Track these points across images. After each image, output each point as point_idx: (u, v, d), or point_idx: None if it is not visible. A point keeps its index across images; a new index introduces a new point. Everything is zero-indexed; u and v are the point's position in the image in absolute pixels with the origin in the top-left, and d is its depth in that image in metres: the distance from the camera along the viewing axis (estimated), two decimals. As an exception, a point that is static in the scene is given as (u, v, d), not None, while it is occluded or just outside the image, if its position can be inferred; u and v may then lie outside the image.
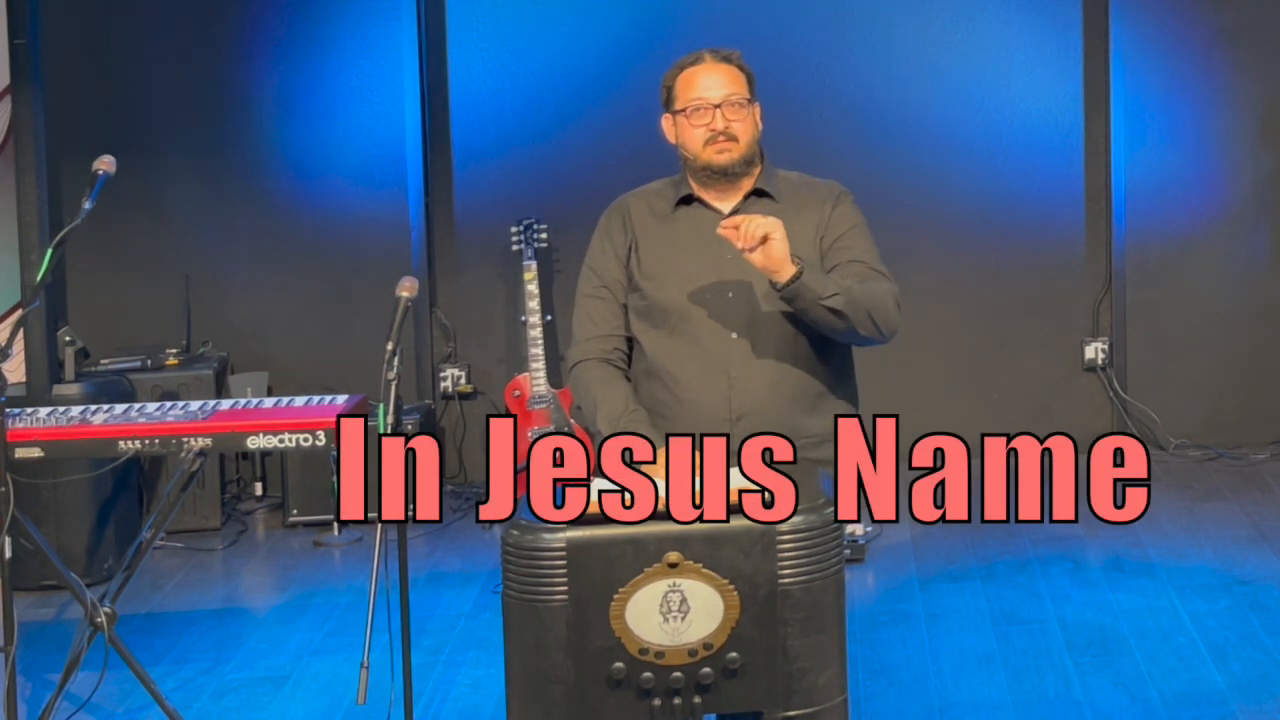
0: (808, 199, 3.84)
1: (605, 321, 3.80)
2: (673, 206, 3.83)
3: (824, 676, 3.24)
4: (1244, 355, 7.12)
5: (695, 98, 3.78)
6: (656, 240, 3.81)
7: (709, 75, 3.81)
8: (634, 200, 3.89)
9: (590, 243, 3.89)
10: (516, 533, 3.22)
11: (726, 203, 3.81)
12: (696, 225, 3.80)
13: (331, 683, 4.86)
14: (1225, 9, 6.99)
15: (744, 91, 3.83)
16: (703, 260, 3.76)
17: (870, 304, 3.67)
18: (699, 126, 3.77)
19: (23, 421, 4.48)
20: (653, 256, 3.79)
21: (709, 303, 3.72)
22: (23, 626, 4.42)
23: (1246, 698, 4.47)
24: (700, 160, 3.78)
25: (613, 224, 3.86)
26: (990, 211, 7.10)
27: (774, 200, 3.82)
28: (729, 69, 3.83)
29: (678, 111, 3.81)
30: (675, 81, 3.83)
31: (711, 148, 3.76)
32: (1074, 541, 5.85)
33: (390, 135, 6.92)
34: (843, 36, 7.02)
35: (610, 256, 3.82)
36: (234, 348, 6.86)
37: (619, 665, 3.19)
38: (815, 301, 3.59)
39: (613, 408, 3.69)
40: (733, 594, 3.19)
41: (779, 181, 3.86)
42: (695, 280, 3.74)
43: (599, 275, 3.83)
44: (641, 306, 3.77)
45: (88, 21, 6.81)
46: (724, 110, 3.77)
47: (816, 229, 3.80)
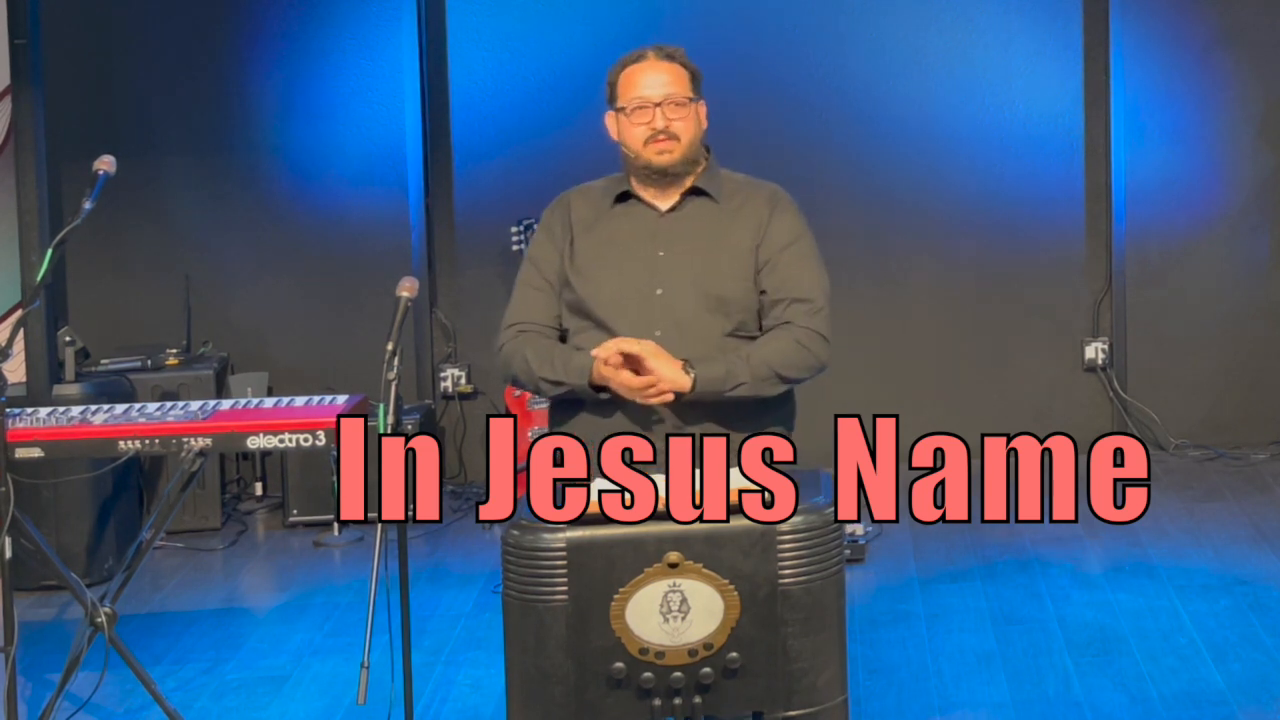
0: (747, 201, 3.84)
1: (539, 311, 3.84)
2: (611, 203, 3.84)
3: (824, 676, 3.24)
4: (1244, 355, 7.12)
5: (636, 96, 3.77)
6: (591, 236, 3.82)
7: (651, 73, 3.79)
8: (576, 196, 3.91)
9: (534, 234, 3.94)
10: (517, 533, 3.22)
11: (665, 200, 3.82)
12: (633, 222, 3.81)
13: (331, 683, 4.85)
14: (1225, 9, 6.99)
15: (686, 90, 3.80)
16: (634, 257, 3.77)
17: (777, 365, 3.69)
18: (639, 125, 3.76)
19: (23, 421, 4.48)
20: (586, 252, 3.81)
21: (635, 300, 3.73)
22: (23, 626, 4.42)
23: (1246, 698, 4.47)
24: (640, 159, 3.77)
25: (555, 219, 3.89)
26: (990, 211, 7.10)
27: (713, 200, 3.82)
28: (672, 67, 3.80)
29: (619, 109, 3.80)
30: (618, 79, 3.82)
31: (652, 147, 3.75)
32: (1074, 541, 5.85)
33: (390, 135, 6.92)
34: (842, 37, 7.01)
35: (552, 250, 3.85)
36: (234, 348, 6.86)
37: (619, 665, 3.19)
38: (721, 395, 3.64)
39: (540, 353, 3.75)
40: (733, 594, 3.19)
41: (721, 181, 3.86)
42: (625, 277, 3.76)
43: (539, 268, 3.86)
44: (571, 300, 3.80)
45: (88, 21, 6.81)
46: (665, 109, 3.75)
47: (754, 234, 3.80)
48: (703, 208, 3.81)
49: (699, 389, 3.61)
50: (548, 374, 3.72)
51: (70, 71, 6.72)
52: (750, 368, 3.66)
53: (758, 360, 3.67)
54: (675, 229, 3.81)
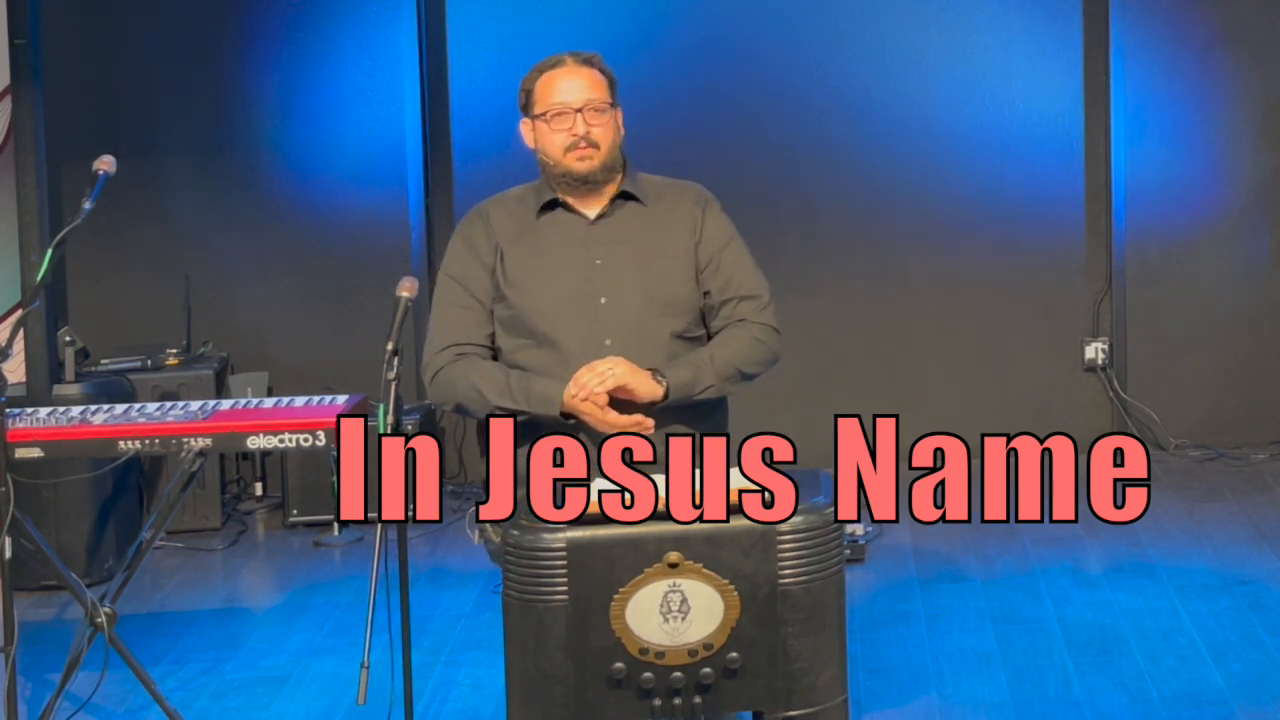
0: (676, 201, 3.82)
1: (468, 332, 3.74)
2: (536, 213, 3.78)
3: (824, 676, 3.24)
4: (1244, 355, 7.12)
5: (556, 102, 3.73)
6: (522, 248, 3.75)
7: (570, 79, 3.75)
8: (493, 207, 3.83)
9: (448, 252, 3.82)
10: (516, 533, 3.22)
11: (591, 207, 3.78)
12: (562, 231, 3.76)
13: (331, 683, 4.85)
14: (1225, 9, 6.99)
15: (605, 96, 3.77)
16: (571, 267, 3.72)
17: (739, 363, 3.70)
18: (559, 131, 3.72)
19: (23, 421, 4.48)
20: (519, 265, 3.73)
21: (579, 310, 3.69)
22: (23, 626, 4.42)
23: (1246, 698, 4.47)
24: (560, 167, 3.73)
25: (474, 231, 3.80)
26: (990, 211, 7.10)
27: (641, 203, 3.80)
28: (590, 73, 3.77)
29: (537, 116, 3.76)
30: (535, 85, 3.79)
31: (572, 155, 3.71)
32: (1074, 541, 5.84)
33: (390, 135, 6.92)
34: (842, 37, 7.01)
35: (477, 266, 3.76)
36: (234, 348, 6.86)
37: (619, 665, 3.19)
38: (692, 398, 3.64)
39: (491, 380, 3.66)
40: (733, 594, 3.19)
41: (643, 184, 3.83)
42: (564, 287, 3.70)
43: (464, 285, 3.76)
44: (507, 316, 3.72)
45: (88, 21, 6.81)
46: (585, 115, 3.72)
47: (690, 234, 3.78)
48: (633, 212, 3.78)
49: (670, 396, 3.61)
50: (505, 403, 3.65)
51: (70, 71, 6.72)
52: (715, 369, 3.66)
53: (721, 361, 3.68)
54: (608, 235, 3.76)
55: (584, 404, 3.57)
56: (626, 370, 3.58)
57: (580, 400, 3.56)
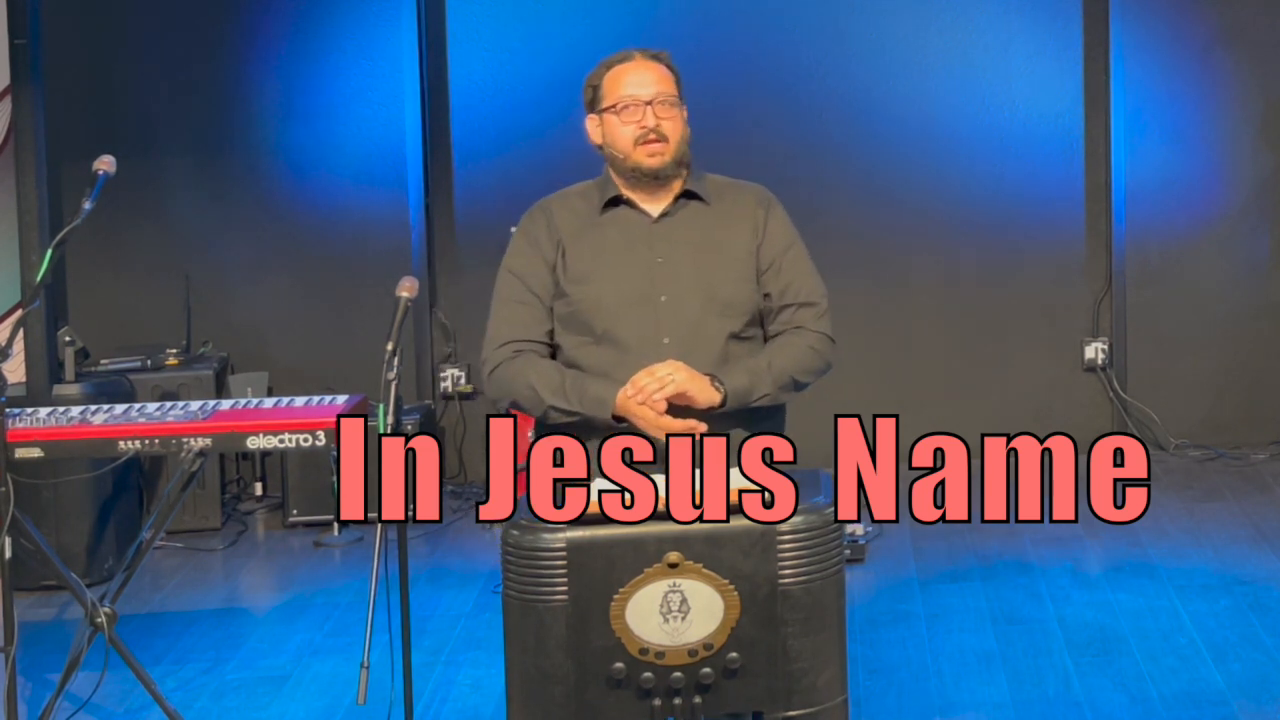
0: (739, 201, 3.80)
1: (527, 328, 3.72)
2: (600, 209, 3.77)
3: (824, 676, 3.24)
4: (1244, 355, 7.12)
5: (625, 95, 3.72)
6: (584, 244, 3.73)
7: (639, 73, 3.74)
8: (556, 203, 3.82)
9: (510, 246, 3.81)
10: (516, 533, 3.22)
11: (656, 204, 3.76)
12: (625, 229, 3.74)
13: (331, 683, 4.85)
14: (1225, 9, 6.99)
15: (674, 90, 3.76)
16: (633, 265, 3.70)
17: (794, 371, 3.69)
18: (629, 124, 3.71)
19: (23, 421, 4.48)
20: (581, 261, 3.71)
21: (639, 308, 3.67)
22: (23, 626, 4.42)
23: (1246, 698, 4.47)
24: (630, 161, 3.71)
25: (537, 228, 3.78)
26: (990, 211, 7.10)
27: (704, 202, 3.78)
28: (658, 67, 3.76)
29: (605, 110, 3.75)
30: (603, 80, 3.78)
31: (642, 149, 3.70)
32: (1074, 541, 5.85)
33: (390, 135, 6.92)
34: (842, 37, 7.02)
35: (538, 262, 3.74)
36: (234, 348, 6.86)
37: (619, 665, 3.19)
38: (747, 405, 3.63)
39: (548, 379, 3.63)
40: (733, 594, 3.19)
41: (708, 184, 3.81)
42: (625, 285, 3.68)
43: (524, 280, 3.74)
44: (567, 314, 3.70)
45: (88, 21, 6.81)
46: (654, 108, 3.71)
47: (752, 235, 3.76)
48: (695, 211, 3.77)
49: (728, 403, 3.59)
50: (559, 403, 3.62)
51: (70, 71, 6.73)
52: (773, 377, 3.64)
53: (778, 369, 3.65)
54: (670, 234, 3.75)
55: (640, 408, 3.54)
56: (686, 377, 3.55)
57: (638, 404, 3.54)
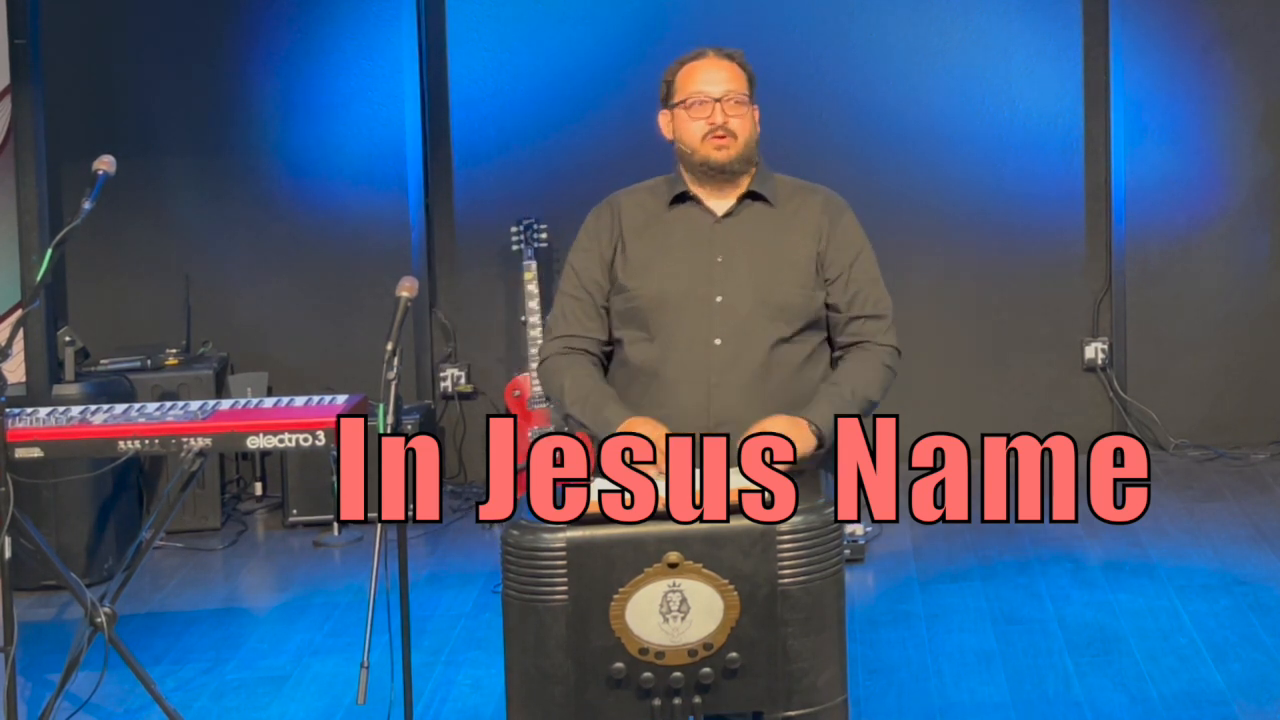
0: (803, 205, 3.80)
1: (578, 323, 3.75)
2: (667, 205, 3.78)
3: (824, 676, 3.24)
4: (1244, 355, 7.12)
5: (696, 91, 3.74)
6: (646, 240, 3.75)
7: (711, 70, 3.77)
8: (625, 198, 3.83)
9: (577, 238, 3.83)
10: (516, 533, 3.22)
11: (721, 203, 3.77)
12: (688, 226, 3.75)
13: (331, 683, 4.85)
14: (1225, 9, 6.99)
15: (745, 89, 3.80)
16: (692, 263, 3.70)
17: (875, 394, 3.70)
18: (698, 119, 3.73)
19: (23, 421, 4.48)
20: (640, 256, 3.73)
21: (695, 307, 3.67)
22: (23, 626, 4.42)
23: (1246, 698, 4.47)
24: (698, 155, 3.73)
25: (600, 223, 3.80)
26: (990, 211, 7.10)
27: (769, 204, 3.78)
28: (731, 66, 3.80)
29: (676, 104, 3.77)
30: (676, 76, 3.80)
31: (710, 143, 3.72)
32: (1074, 541, 5.85)
33: (390, 135, 6.92)
34: (842, 37, 7.02)
35: (594, 257, 3.76)
36: (234, 348, 6.86)
37: (619, 665, 3.19)
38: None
39: (579, 386, 3.65)
40: (733, 594, 3.19)
41: (775, 185, 3.82)
42: (682, 282, 3.69)
43: (579, 276, 3.77)
44: (625, 309, 3.71)
45: (88, 21, 6.81)
46: (724, 105, 3.74)
47: (814, 241, 3.76)
48: (759, 213, 3.77)
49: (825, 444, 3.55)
50: (576, 412, 3.65)
51: (70, 71, 6.72)
52: (856, 403, 3.63)
53: (861, 396, 3.64)
54: (732, 234, 3.74)
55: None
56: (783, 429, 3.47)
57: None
